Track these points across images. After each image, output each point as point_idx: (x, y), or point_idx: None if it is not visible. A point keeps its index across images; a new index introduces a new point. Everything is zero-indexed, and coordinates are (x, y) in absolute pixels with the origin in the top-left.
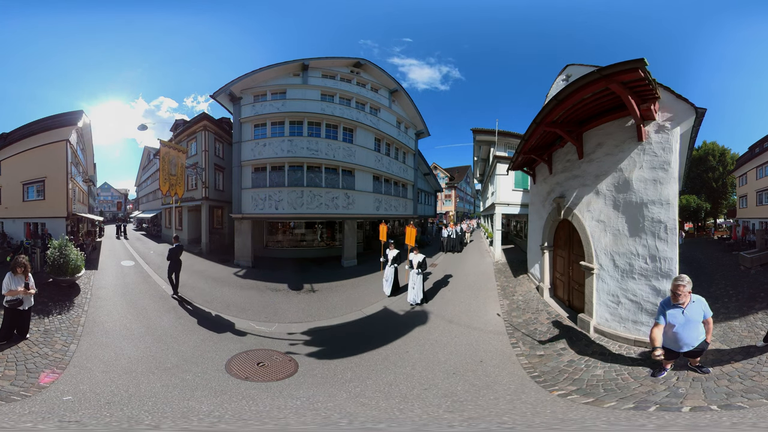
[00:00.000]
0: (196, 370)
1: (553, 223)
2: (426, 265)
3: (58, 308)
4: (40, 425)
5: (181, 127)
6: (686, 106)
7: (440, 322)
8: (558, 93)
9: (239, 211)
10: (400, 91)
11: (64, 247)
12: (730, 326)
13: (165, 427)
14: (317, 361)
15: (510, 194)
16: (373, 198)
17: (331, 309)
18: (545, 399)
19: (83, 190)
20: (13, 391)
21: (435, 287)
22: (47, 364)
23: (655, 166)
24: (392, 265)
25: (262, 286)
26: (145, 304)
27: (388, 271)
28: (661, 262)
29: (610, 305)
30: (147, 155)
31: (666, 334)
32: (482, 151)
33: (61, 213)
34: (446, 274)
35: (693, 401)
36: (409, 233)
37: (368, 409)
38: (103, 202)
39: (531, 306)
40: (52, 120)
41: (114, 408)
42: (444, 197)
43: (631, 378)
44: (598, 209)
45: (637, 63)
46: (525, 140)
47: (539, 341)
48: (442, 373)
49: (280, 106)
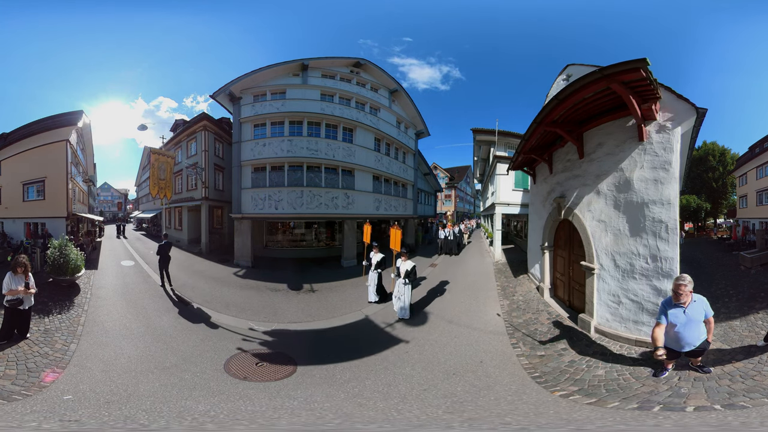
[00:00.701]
0: (194, 369)
1: (554, 223)
2: (416, 273)
3: (58, 308)
4: (45, 425)
5: (181, 127)
6: (687, 106)
7: (440, 322)
8: (559, 92)
9: (239, 211)
10: (400, 91)
11: (64, 247)
12: (730, 326)
13: (155, 428)
14: (316, 361)
15: (510, 194)
16: (373, 198)
17: (331, 309)
18: (547, 399)
19: (83, 190)
20: (15, 390)
21: (434, 290)
22: (48, 364)
23: (656, 165)
24: (375, 270)
25: (262, 286)
26: (145, 304)
27: (371, 276)
28: (662, 262)
29: (611, 305)
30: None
31: (667, 333)
32: (482, 151)
33: (61, 213)
34: (444, 278)
35: (696, 401)
36: (394, 236)
37: (365, 409)
38: (103, 202)
39: (531, 306)
40: (52, 120)
41: (113, 407)
42: (444, 197)
43: (632, 378)
44: (598, 209)
45: (639, 63)
46: (525, 140)
47: (540, 341)
48: (441, 374)
49: (280, 106)
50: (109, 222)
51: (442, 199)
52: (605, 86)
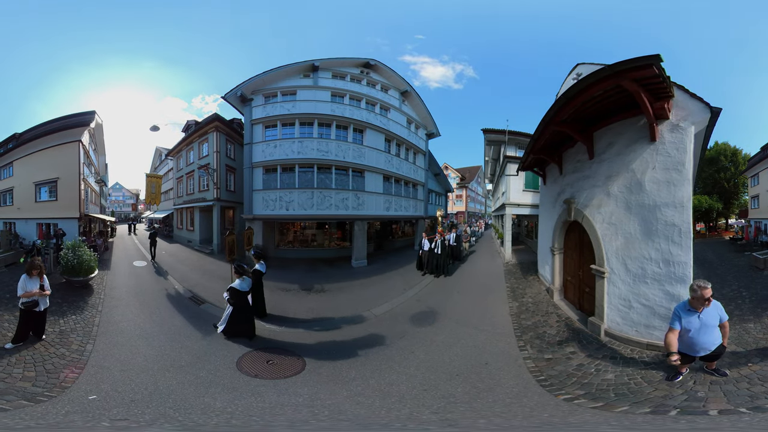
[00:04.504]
0: (209, 367)
1: (564, 225)
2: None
3: (72, 309)
4: (98, 425)
5: (193, 128)
6: (701, 105)
7: (448, 323)
8: (568, 90)
9: (250, 213)
10: (411, 91)
11: (77, 248)
12: (744, 328)
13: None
14: (324, 360)
15: (520, 195)
16: (384, 199)
17: (340, 309)
18: (547, 402)
19: (95, 191)
20: (36, 392)
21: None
22: (65, 365)
23: (668, 167)
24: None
25: (273, 286)
26: (158, 304)
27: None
28: (675, 266)
29: (622, 309)
30: (158, 155)
31: (682, 339)
32: (493, 151)
33: (73, 213)
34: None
35: (716, 405)
36: (246, 236)
37: (361, 407)
38: (115, 203)
39: (540, 308)
40: (64, 120)
41: (140, 406)
42: (455, 197)
43: (644, 382)
44: (609, 211)
45: (652, 59)
46: (535, 139)
47: (548, 344)
48: (445, 375)
49: (291, 107)
50: (121, 222)
51: (453, 200)
52: (615, 84)
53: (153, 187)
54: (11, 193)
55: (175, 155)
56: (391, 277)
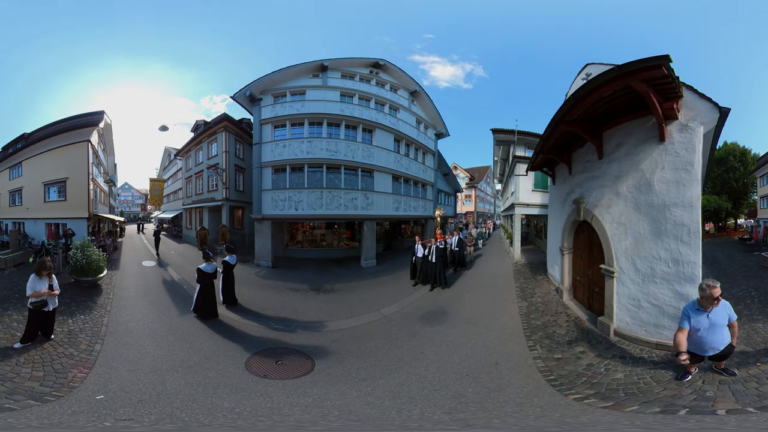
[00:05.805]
0: (217, 367)
1: (573, 225)
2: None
3: (81, 309)
4: (99, 425)
5: (202, 128)
6: (710, 106)
7: (458, 322)
8: (578, 90)
9: (259, 212)
10: (420, 91)
11: (86, 248)
12: (753, 328)
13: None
14: (333, 360)
15: (530, 195)
16: (393, 199)
17: (350, 309)
18: (558, 402)
19: (104, 191)
20: (45, 391)
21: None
22: (74, 364)
23: (677, 167)
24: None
25: (282, 286)
26: (167, 304)
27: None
28: (684, 266)
29: (631, 309)
30: (167, 155)
31: (691, 338)
32: (502, 151)
33: (82, 213)
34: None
35: (724, 404)
36: (221, 233)
37: (371, 408)
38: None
39: (550, 308)
40: (73, 120)
41: (147, 406)
42: (464, 197)
43: (653, 382)
44: (618, 211)
45: (661, 60)
46: (544, 139)
47: (557, 344)
48: (454, 375)
49: (300, 107)
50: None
51: (462, 200)
52: (624, 84)
53: (156, 190)
54: (20, 193)
55: (184, 155)
56: (400, 277)
